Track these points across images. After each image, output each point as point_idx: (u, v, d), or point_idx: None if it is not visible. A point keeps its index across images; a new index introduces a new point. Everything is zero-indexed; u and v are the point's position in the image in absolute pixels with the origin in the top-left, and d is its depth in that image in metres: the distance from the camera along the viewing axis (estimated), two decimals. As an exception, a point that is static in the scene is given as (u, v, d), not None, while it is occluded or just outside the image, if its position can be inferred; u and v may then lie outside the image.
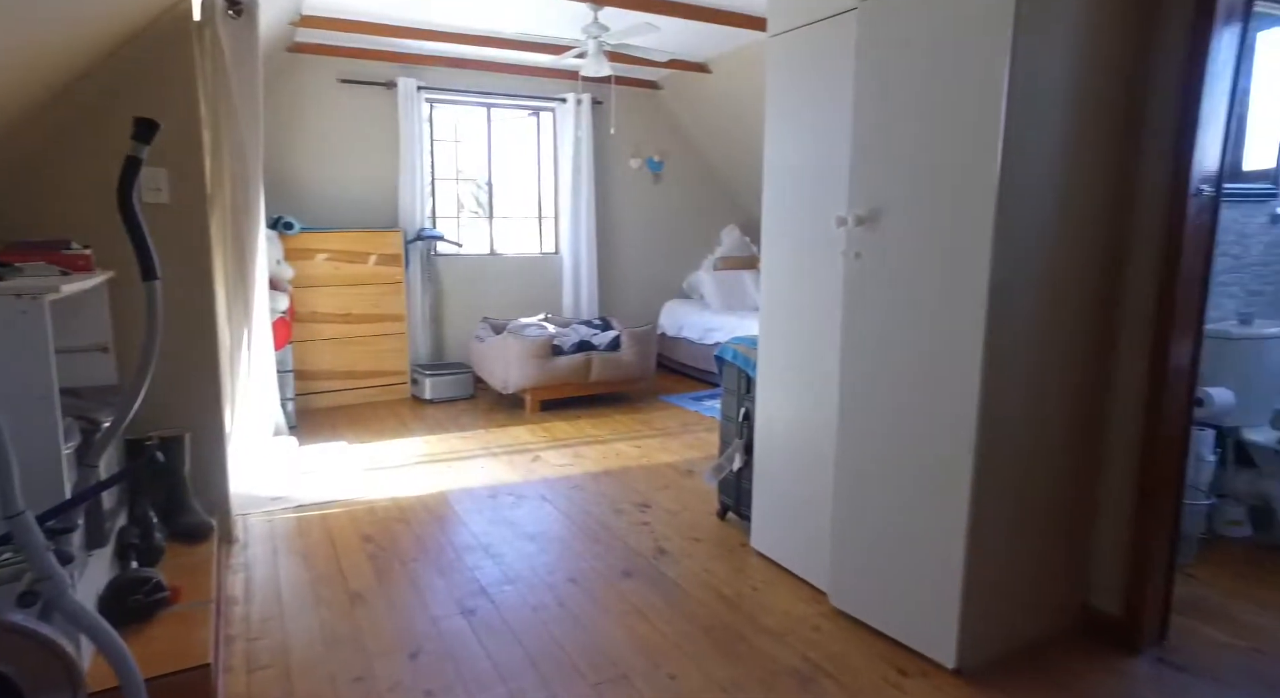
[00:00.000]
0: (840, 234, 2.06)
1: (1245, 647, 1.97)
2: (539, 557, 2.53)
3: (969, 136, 1.70)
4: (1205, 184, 1.86)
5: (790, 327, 2.32)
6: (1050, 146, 1.73)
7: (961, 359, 1.75)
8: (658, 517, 2.90)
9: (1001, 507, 1.82)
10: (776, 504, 2.43)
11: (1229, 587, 2.30)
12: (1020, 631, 1.95)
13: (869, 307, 1.98)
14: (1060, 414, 1.90)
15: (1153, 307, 1.90)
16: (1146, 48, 1.85)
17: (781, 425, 2.39)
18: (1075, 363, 1.91)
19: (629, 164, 6.03)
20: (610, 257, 6.05)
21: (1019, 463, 1.83)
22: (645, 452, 3.79)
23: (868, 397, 2.00)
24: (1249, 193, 2.68)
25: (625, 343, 4.77)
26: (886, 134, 1.90)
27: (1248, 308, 2.76)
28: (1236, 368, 2.55)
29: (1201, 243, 1.90)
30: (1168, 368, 1.90)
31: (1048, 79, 1.68)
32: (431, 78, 5.16)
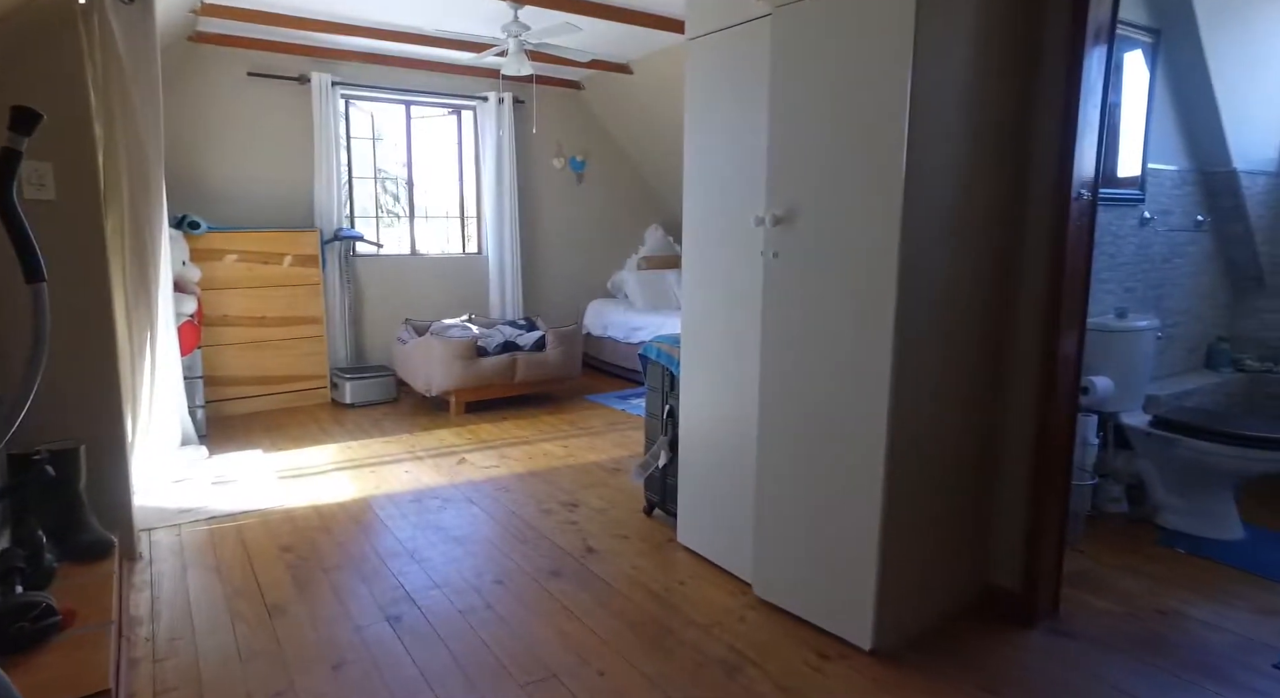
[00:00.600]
0: (759, 234, 2.13)
1: (1122, 612, 2.15)
2: (466, 560, 2.51)
3: (876, 141, 1.78)
4: (1084, 189, 2.01)
5: (712, 325, 2.38)
6: (950, 152, 1.83)
7: (873, 355, 1.83)
8: (585, 516, 2.91)
9: (912, 495, 1.92)
10: (702, 500, 2.49)
11: (1110, 559, 2.49)
12: (930, 610, 2.06)
13: (786, 304, 2.05)
14: (964, 405, 2.02)
15: (1043, 302, 2.04)
16: (1032, 64, 1.99)
17: (705, 422, 2.44)
18: (977, 357, 2.03)
19: (552, 164, 6.01)
20: (535, 257, 6.02)
21: (927, 453, 1.94)
22: (572, 451, 3.79)
23: (786, 392, 2.07)
24: (1121, 197, 2.90)
25: (550, 343, 4.76)
26: (800, 137, 1.98)
27: (1123, 303, 2.99)
28: (1114, 358, 2.76)
29: (1082, 243, 2.06)
30: (1057, 359, 2.04)
31: (946, 88, 1.79)
32: (347, 73, 5.01)
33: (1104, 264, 2.91)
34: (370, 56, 4.99)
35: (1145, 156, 2.98)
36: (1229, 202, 3.25)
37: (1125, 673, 1.86)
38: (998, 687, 1.80)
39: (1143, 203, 3.00)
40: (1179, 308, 3.29)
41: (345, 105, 5.12)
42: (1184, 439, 2.61)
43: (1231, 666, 1.89)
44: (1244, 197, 3.21)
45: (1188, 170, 3.19)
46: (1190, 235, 3.26)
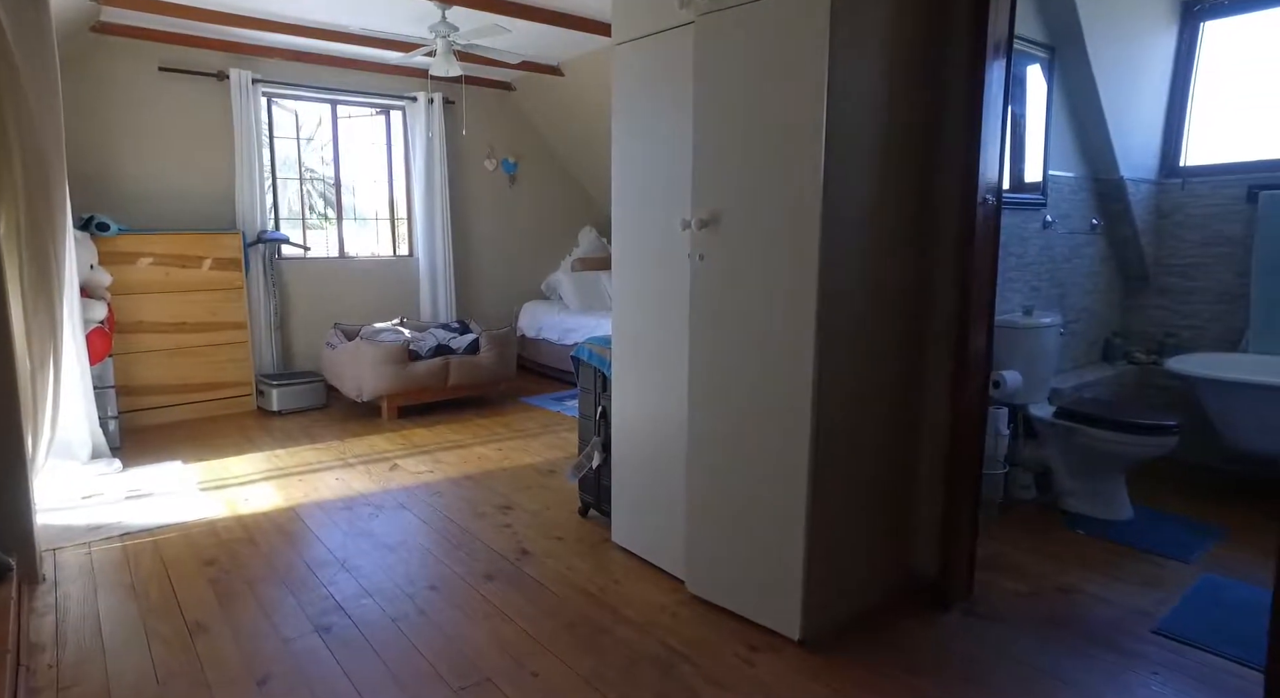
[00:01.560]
0: (686, 237, 2.18)
1: (1028, 592, 2.29)
2: (399, 567, 2.48)
3: (796, 147, 1.85)
4: (989, 194, 2.14)
5: (642, 326, 2.42)
6: (866, 157, 1.92)
7: (796, 354, 1.90)
8: (520, 518, 2.91)
9: (835, 488, 2.00)
10: (635, 499, 2.52)
11: (1019, 542, 2.65)
12: (856, 599, 2.15)
13: (713, 305, 2.11)
14: (884, 400, 2.12)
15: (954, 300, 2.16)
16: (939, 76, 2.11)
17: (637, 422, 2.48)
18: (894, 354, 2.13)
19: (484, 165, 5.96)
20: (467, 259, 5.95)
21: (849, 448, 2.03)
22: (507, 454, 3.78)
23: (714, 392, 2.13)
24: (1026, 202, 3.09)
25: (484, 346, 4.72)
26: (723, 143, 2.04)
27: (1029, 301, 3.18)
28: (1022, 353, 2.94)
29: (988, 244, 2.18)
30: (968, 354, 2.16)
31: (861, 97, 1.87)
32: (269, 71, 4.85)
33: (1011, 264, 3.08)
34: (293, 54, 4.84)
35: (1046, 164, 3.17)
36: (1118, 206, 3.49)
37: (1030, 647, 1.98)
38: (917, 668, 1.90)
39: (1045, 207, 3.20)
40: (1079, 305, 3.52)
41: (267, 104, 4.96)
42: (1083, 428, 2.79)
43: (1118, 634, 2.05)
44: (1130, 202, 3.46)
45: (1083, 177, 3.41)
46: (1087, 237, 3.49)
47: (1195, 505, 3.00)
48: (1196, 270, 3.58)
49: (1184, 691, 1.81)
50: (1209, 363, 3.31)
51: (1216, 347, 3.51)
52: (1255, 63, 3.45)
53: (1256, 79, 3.46)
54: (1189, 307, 3.62)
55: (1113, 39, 3.19)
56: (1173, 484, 3.23)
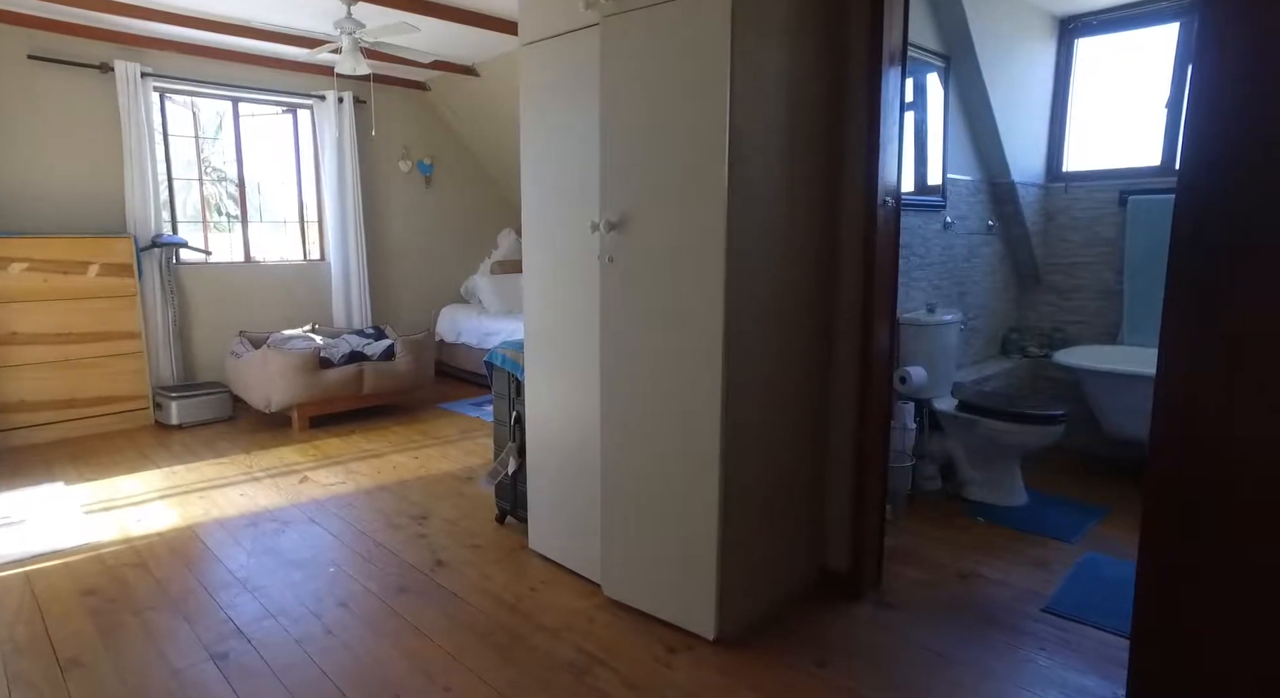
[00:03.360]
0: (595, 239, 2.17)
1: (931, 580, 2.39)
2: (306, 585, 2.37)
3: (700, 149, 1.88)
4: (889, 196, 2.22)
5: (554, 329, 2.40)
6: (770, 160, 1.96)
7: (705, 356, 1.93)
8: (436, 528, 2.84)
9: (747, 487, 2.03)
10: (552, 504, 2.50)
11: (926, 532, 2.76)
12: (771, 595, 2.19)
13: (622, 308, 2.11)
14: (793, 399, 2.17)
15: (859, 298, 2.23)
16: (839, 82, 2.17)
17: (551, 426, 2.46)
18: (802, 352, 2.19)
19: (398, 166, 5.80)
20: (382, 263, 5.78)
21: (760, 447, 2.06)
22: (424, 462, 3.68)
23: (625, 394, 2.13)
24: (928, 204, 3.23)
25: (400, 351, 4.59)
26: (630, 145, 2.04)
27: (932, 299, 3.33)
28: (926, 350, 3.07)
29: (889, 244, 2.26)
30: (872, 351, 2.24)
31: (764, 102, 1.91)
32: (161, 64, 4.57)
33: (915, 264, 3.22)
34: (188, 47, 4.59)
35: (945, 167, 3.32)
36: (1010, 209, 3.70)
37: (932, 633, 2.07)
38: (828, 659, 1.95)
39: (945, 209, 3.35)
40: (978, 303, 3.70)
41: (160, 99, 4.67)
42: (982, 420, 2.94)
43: (1011, 615, 2.16)
44: (1021, 204, 3.66)
45: (979, 180, 3.60)
46: (984, 238, 3.68)
47: (1081, 488, 3.20)
48: (1079, 269, 3.83)
49: (1067, 663, 1.92)
50: (1090, 355, 3.54)
51: (1098, 340, 3.76)
52: (1123, 77, 3.72)
53: (1124, 92, 3.72)
54: (1074, 303, 3.86)
55: (1000, 51, 3.37)
56: (1062, 469, 3.44)
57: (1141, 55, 3.66)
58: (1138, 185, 3.60)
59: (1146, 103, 3.65)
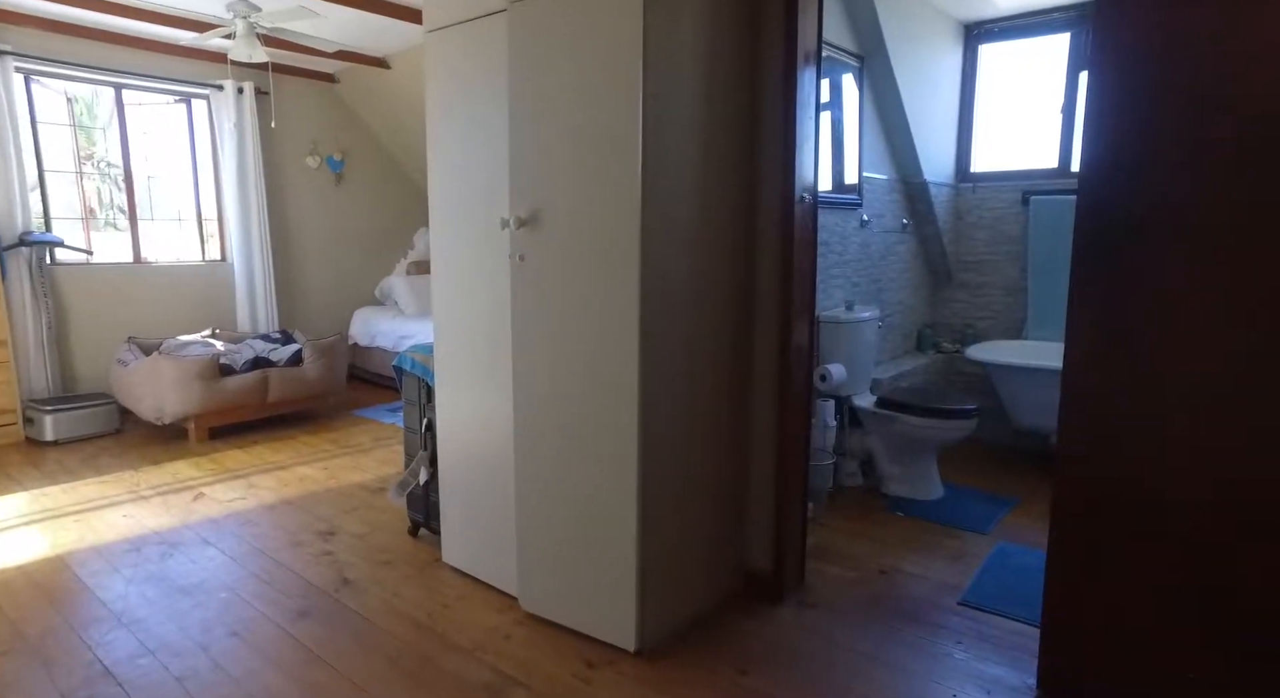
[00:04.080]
0: (506, 236, 2.07)
1: (854, 577, 2.40)
2: (193, 614, 2.18)
3: (612, 143, 1.80)
4: (805, 193, 2.20)
5: (465, 331, 2.29)
6: (686, 155, 1.90)
7: (620, 358, 1.85)
8: (343, 544, 2.67)
9: (666, 492, 1.97)
10: (465, 515, 2.38)
11: (847, 528, 2.78)
12: (694, 602, 2.13)
13: (535, 309, 2.02)
14: (713, 399, 2.12)
15: (778, 296, 2.20)
16: (756, 78, 2.14)
17: (464, 433, 2.34)
18: (721, 351, 2.14)
19: (306, 162, 5.51)
20: (291, 263, 5.48)
21: (679, 449, 2.01)
22: (333, 473, 3.48)
23: (538, 398, 2.04)
24: (846, 202, 3.26)
25: (308, 356, 4.35)
26: (540, 138, 1.95)
27: (851, 296, 3.37)
28: (845, 347, 3.09)
29: (808, 241, 2.25)
30: (790, 349, 2.22)
31: (678, 97, 1.85)
32: (27, 43, 4.17)
33: (833, 261, 3.24)
34: (60, 25, 4.19)
35: (861, 166, 3.37)
36: (923, 207, 3.79)
37: (853, 632, 2.06)
38: (749, 665, 1.91)
39: (861, 207, 3.39)
40: (895, 299, 3.77)
41: (25, 82, 4.26)
42: (900, 416, 2.98)
43: (930, 609, 2.18)
44: (933, 203, 3.76)
45: (894, 179, 3.66)
46: (899, 236, 3.75)
47: (993, 479, 3.30)
48: (987, 266, 3.96)
49: (982, 655, 1.95)
50: (998, 350, 3.66)
51: (1006, 335, 3.90)
52: (1022, 83, 3.87)
53: (1024, 97, 3.87)
54: (983, 299, 3.99)
55: (911, 53, 3.44)
56: (975, 461, 3.54)
57: (1038, 62, 3.81)
58: (1038, 186, 3.74)
59: (1044, 108, 3.80)
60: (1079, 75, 3.69)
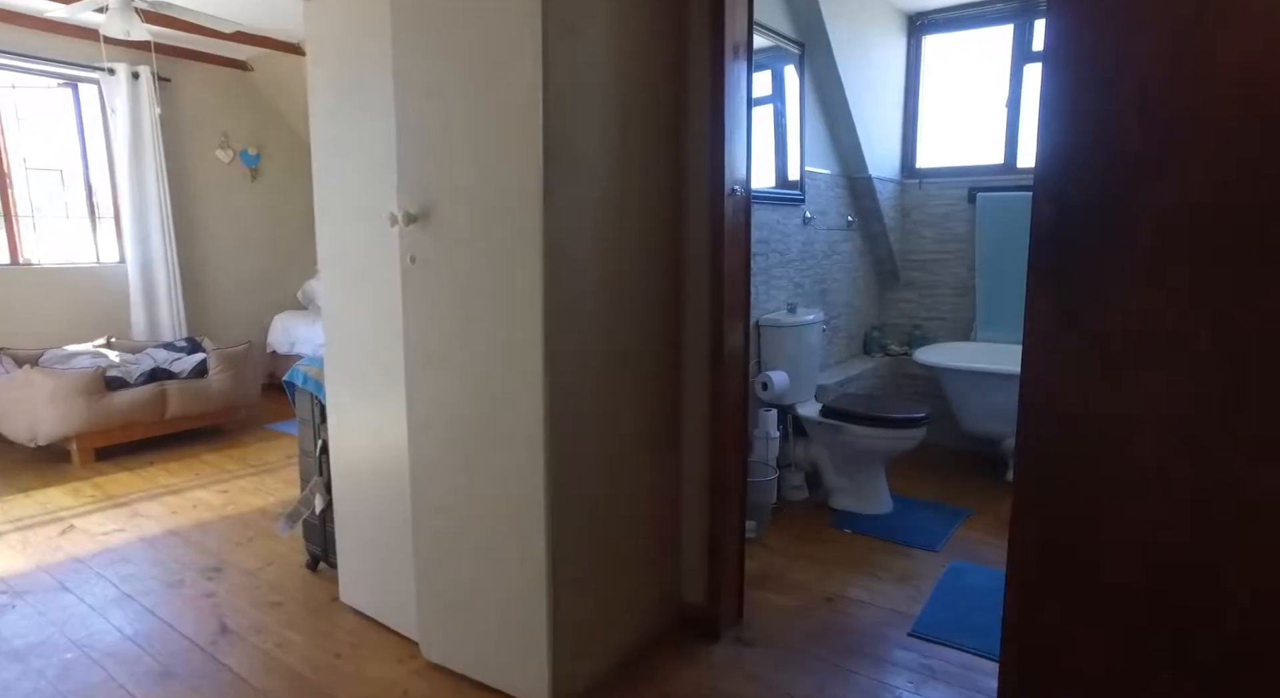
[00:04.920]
0: (396, 234, 1.80)
1: (797, 607, 2.19)
2: (19, 686, 1.84)
3: (510, 129, 1.55)
4: (737, 184, 1.99)
5: (356, 342, 2.01)
6: (600, 146, 1.66)
7: (524, 372, 1.61)
8: (230, 583, 2.36)
9: (582, 523, 1.73)
10: (363, 548, 2.10)
11: (792, 549, 2.58)
12: (617, 645, 1.90)
13: (428, 318, 1.76)
14: (636, 416, 1.89)
15: (708, 298, 1.98)
16: (681, 62, 1.92)
17: (358, 456, 2.06)
18: (646, 361, 1.91)
19: (216, 156, 5.10)
20: (200, 266, 5.06)
21: (596, 475, 1.77)
22: (233, 497, 3.14)
23: (435, 419, 1.78)
24: (787, 197, 3.07)
25: (214, 367, 3.98)
26: (429, 122, 1.69)
27: (793, 298, 3.18)
28: (788, 352, 2.90)
29: (740, 237, 2.04)
30: (724, 355, 2.00)
31: (590, 77, 1.61)
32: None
33: (775, 261, 3.04)
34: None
35: (803, 160, 3.18)
36: (869, 204, 3.63)
37: (795, 674, 1.85)
38: (679, 716, 1.69)
39: (804, 203, 3.21)
40: (840, 301, 3.60)
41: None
42: (846, 426, 2.80)
43: (879, 642, 1.99)
44: (879, 200, 3.60)
45: (837, 175, 3.49)
46: (844, 234, 3.58)
47: (943, 488, 3.15)
48: (935, 265, 3.82)
49: (934, 695, 1.76)
50: (947, 353, 3.53)
51: (955, 336, 3.77)
52: (967, 75, 3.74)
53: (969, 90, 3.75)
54: (931, 300, 3.86)
55: (854, 42, 3.27)
56: (924, 468, 3.39)
57: (982, 55, 3.69)
58: (985, 183, 3.62)
59: (989, 102, 3.68)
60: (1023, 68, 3.58)
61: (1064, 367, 1.44)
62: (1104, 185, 1.36)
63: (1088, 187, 1.38)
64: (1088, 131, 1.37)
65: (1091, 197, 1.38)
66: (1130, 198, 1.33)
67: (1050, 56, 1.41)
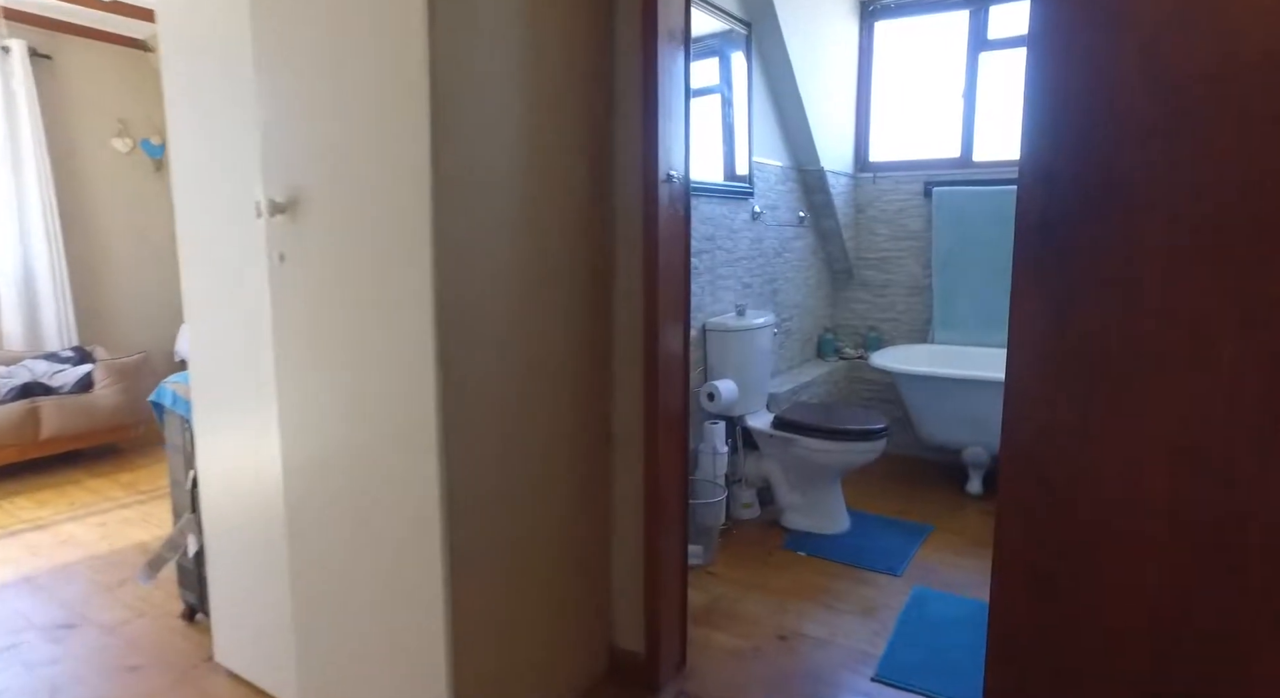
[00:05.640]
0: (264, 227, 1.49)
1: (747, 649, 1.94)
2: None
3: (393, 109, 1.26)
4: (673, 170, 1.73)
5: (225, 355, 1.68)
6: (505, 124, 1.38)
7: (416, 393, 1.31)
8: (82, 643, 1.99)
9: (494, 565, 1.45)
10: (241, 598, 1.77)
11: (742, 577, 2.33)
12: (535, 703, 1.62)
13: (302, 328, 1.45)
14: (555, 438, 1.61)
15: (640, 300, 1.72)
16: (606, 51, 1.65)
17: (232, 490, 1.73)
18: (568, 374, 1.63)
19: (113, 146, 4.62)
20: (95, 266, 4.57)
21: (510, 506, 1.48)
22: (111, 531, 2.75)
23: (312, 450, 1.47)
24: (734, 191, 2.83)
25: (100, 380, 3.55)
26: (297, 95, 1.38)
27: (742, 299, 2.94)
28: (737, 359, 2.65)
29: (678, 231, 1.78)
30: (659, 365, 1.73)
31: (488, 57, 1.32)
32: None
33: (722, 259, 2.80)
34: None
35: (751, 150, 2.94)
36: (821, 198, 3.42)
37: (746, 735, 1.60)
38: (609, 796, 1.41)
39: (752, 197, 2.97)
40: (792, 302, 3.38)
41: None
42: (800, 438, 2.57)
43: (837, 691, 1.75)
44: (832, 194, 3.39)
45: (788, 167, 3.27)
46: (795, 230, 3.36)
47: (903, 502, 2.95)
48: (890, 263, 3.64)
49: (908, 764, 1.53)
50: (904, 356, 3.34)
51: (911, 338, 3.59)
52: (921, 64, 3.57)
53: (923, 80, 3.57)
54: (886, 299, 3.67)
55: (804, 24, 3.05)
56: (882, 480, 3.19)
57: (936, 42, 3.51)
58: (940, 177, 3.45)
59: (944, 92, 3.51)
60: (978, 57, 3.42)
61: (1057, 377, 1.21)
62: (1105, 162, 1.14)
63: (1085, 164, 1.16)
64: (1083, 97, 1.15)
65: (1090, 175, 1.15)
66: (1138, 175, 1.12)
67: (1036, 40, 1.19)
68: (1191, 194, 1.07)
